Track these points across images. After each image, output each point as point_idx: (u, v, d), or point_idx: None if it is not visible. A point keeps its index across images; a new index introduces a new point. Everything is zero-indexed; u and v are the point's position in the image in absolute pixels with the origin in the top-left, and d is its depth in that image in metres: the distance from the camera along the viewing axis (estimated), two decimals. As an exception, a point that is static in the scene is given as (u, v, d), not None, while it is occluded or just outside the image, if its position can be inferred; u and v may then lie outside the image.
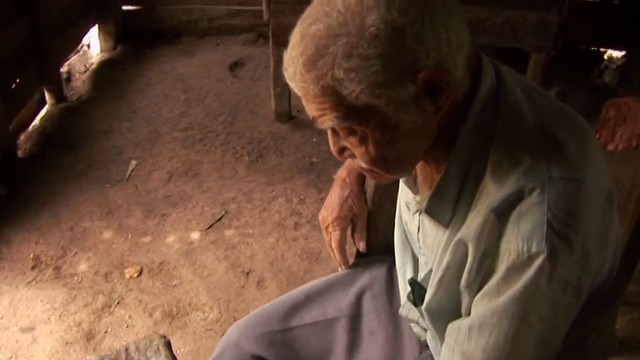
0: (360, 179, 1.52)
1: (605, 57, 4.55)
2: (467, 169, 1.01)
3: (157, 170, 3.24)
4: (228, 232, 2.83)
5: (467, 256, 1.00)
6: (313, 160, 3.35)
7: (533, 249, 0.92)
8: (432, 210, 1.06)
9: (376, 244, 1.53)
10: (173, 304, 2.44)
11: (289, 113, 3.66)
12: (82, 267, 2.62)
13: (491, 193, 0.96)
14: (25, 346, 2.26)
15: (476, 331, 1.00)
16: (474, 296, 1.01)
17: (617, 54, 4.52)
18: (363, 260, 1.54)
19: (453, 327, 1.05)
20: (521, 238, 0.92)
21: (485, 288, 0.98)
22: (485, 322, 0.98)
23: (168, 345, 1.41)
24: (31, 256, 2.66)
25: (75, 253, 2.69)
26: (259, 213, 2.96)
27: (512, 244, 0.93)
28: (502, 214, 0.94)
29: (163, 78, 4.15)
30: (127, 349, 1.38)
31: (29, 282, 2.54)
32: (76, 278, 2.57)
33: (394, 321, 1.42)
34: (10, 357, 2.22)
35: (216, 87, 4.07)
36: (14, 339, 2.30)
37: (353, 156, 1.02)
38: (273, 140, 3.54)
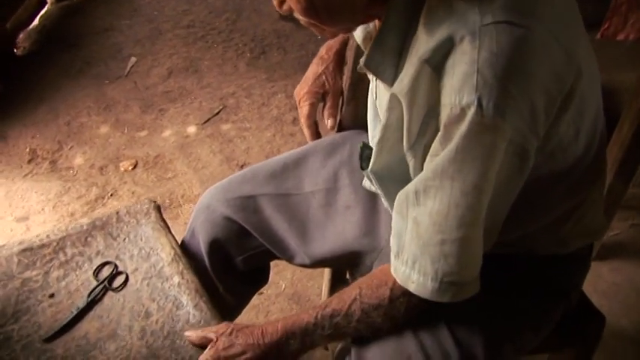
0: (338, 57, 1.45)
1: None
2: (409, 21, 0.92)
3: (157, 67, 3.15)
4: (225, 126, 2.76)
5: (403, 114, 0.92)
6: (316, 57, 3.24)
7: (464, 100, 0.83)
8: (371, 62, 0.97)
9: (357, 118, 1.45)
10: (166, 196, 2.41)
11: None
12: (78, 160, 2.59)
13: (422, 43, 0.88)
14: (19, 234, 2.25)
15: (422, 195, 0.93)
16: (422, 159, 0.95)
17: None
18: (343, 134, 1.47)
19: (401, 194, 0.98)
20: (453, 90, 0.84)
21: (431, 149, 0.91)
22: (428, 184, 0.92)
23: (158, 209, 1.38)
24: (28, 150, 2.63)
25: (71, 147, 2.65)
26: (258, 108, 2.88)
27: (447, 98, 0.86)
28: (437, 66, 0.86)
29: (167, -24, 4.00)
30: (117, 213, 1.36)
31: (25, 175, 2.52)
32: (71, 171, 2.53)
33: (372, 196, 1.36)
34: (9, 241, 2.22)
35: (220, -16, 3.92)
36: (9, 228, 2.30)
37: (292, 9, 0.94)
38: (277, 38, 3.42)
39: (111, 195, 2.41)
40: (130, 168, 2.53)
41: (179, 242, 1.44)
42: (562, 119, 0.92)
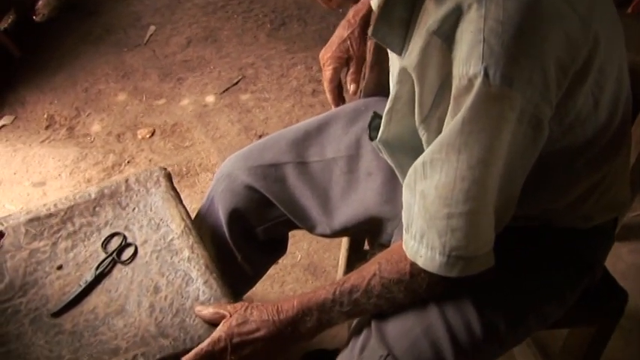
0: (364, 22, 1.36)
1: None
2: None
3: (176, 36, 3.03)
4: (244, 96, 2.66)
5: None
6: (337, 28, 3.12)
7: (471, 71, 0.79)
8: (377, 32, 0.92)
9: (379, 85, 1.37)
10: (183, 164, 2.32)
11: (315, -19, 3.39)
12: (95, 127, 2.50)
13: (431, 14, 0.84)
14: (36, 199, 2.19)
15: (429, 168, 0.89)
16: (436, 132, 0.90)
17: None
18: (366, 100, 1.39)
19: (411, 168, 0.94)
20: (461, 60, 0.80)
21: (445, 122, 0.87)
22: (434, 157, 0.88)
23: (168, 177, 1.29)
24: (46, 116, 2.55)
25: (89, 114, 2.56)
26: (277, 79, 2.77)
27: (456, 69, 0.81)
28: (448, 37, 0.82)
29: (188, -55, 3.87)
30: (127, 181, 1.26)
31: (42, 141, 2.44)
32: (88, 138, 2.45)
33: None
34: (21, 208, 2.16)
35: (241, -46, 3.79)
36: (26, 192, 2.23)
37: None
38: (298, 9, 3.29)
39: (128, 162, 2.33)
40: (148, 136, 2.45)
41: (196, 210, 1.36)
42: (580, 91, 0.88)
